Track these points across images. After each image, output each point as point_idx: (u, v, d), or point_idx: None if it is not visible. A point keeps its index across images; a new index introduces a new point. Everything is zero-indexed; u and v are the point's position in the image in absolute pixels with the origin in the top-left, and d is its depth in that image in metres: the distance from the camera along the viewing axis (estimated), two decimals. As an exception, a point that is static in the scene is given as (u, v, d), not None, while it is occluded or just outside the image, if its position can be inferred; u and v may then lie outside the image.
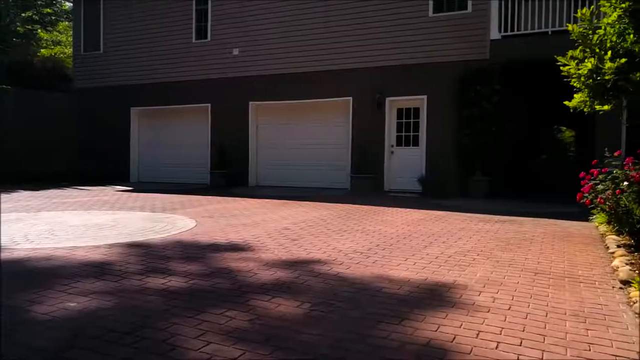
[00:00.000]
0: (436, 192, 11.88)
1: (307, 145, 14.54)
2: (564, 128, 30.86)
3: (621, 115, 9.81)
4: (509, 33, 11.68)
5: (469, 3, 12.09)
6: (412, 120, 13.09)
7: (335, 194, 12.61)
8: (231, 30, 15.10)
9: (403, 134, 13.21)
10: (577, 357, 2.91)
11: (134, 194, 12.60)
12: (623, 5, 6.82)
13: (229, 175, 14.98)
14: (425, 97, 12.61)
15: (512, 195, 12.43)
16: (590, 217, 7.40)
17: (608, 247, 6.03)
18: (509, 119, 11.83)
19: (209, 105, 15.63)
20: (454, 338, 3.14)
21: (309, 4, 13.89)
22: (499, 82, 11.59)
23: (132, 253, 5.51)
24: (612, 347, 3.07)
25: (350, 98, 13.51)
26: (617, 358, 2.91)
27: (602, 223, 6.99)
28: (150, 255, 5.38)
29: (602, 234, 6.87)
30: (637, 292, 4.06)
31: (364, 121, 13.28)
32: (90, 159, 17.06)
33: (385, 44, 12.96)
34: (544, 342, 3.12)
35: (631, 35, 6.70)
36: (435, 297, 4.03)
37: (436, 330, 3.26)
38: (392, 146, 13.24)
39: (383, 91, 13.02)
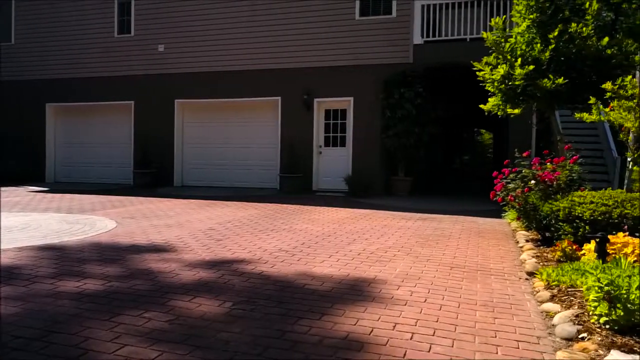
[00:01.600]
0: (362, 191, 12.16)
1: (236, 145, 14.39)
2: (484, 131, 32.56)
3: (531, 118, 10.53)
4: (430, 38, 12.17)
5: (394, 8, 12.47)
6: (339, 121, 13.31)
7: (264, 193, 12.57)
8: (156, 26, 14.64)
9: (331, 134, 13.40)
10: (484, 343, 3.10)
11: (50, 195, 11.90)
12: (531, 16, 7.34)
13: (153, 174, 14.52)
14: (351, 98, 12.86)
15: (434, 194, 12.96)
16: (503, 214, 7.87)
17: (518, 242, 6.44)
18: (431, 121, 12.31)
19: (133, 102, 15.06)
20: (372, 331, 3.24)
21: (236, 2, 13.75)
22: (421, 85, 12.04)
23: (45, 256, 5.21)
24: (516, 333, 3.30)
25: (279, 98, 13.52)
26: (519, 343, 3.13)
27: (513, 219, 7.45)
28: (64, 258, 5.12)
29: (514, 230, 7.34)
30: (541, 283, 4.38)
31: (292, 121, 13.34)
32: (1, 158, 15.91)
33: (313, 45, 13.08)
34: (455, 331, 3.29)
35: (538, 45, 7.20)
36: (356, 292, 4.13)
37: (355, 324, 3.35)
38: (321, 146, 13.39)
39: (311, 92, 13.14)
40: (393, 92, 12.17)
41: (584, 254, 4.89)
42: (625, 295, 3.10)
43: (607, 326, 3.13)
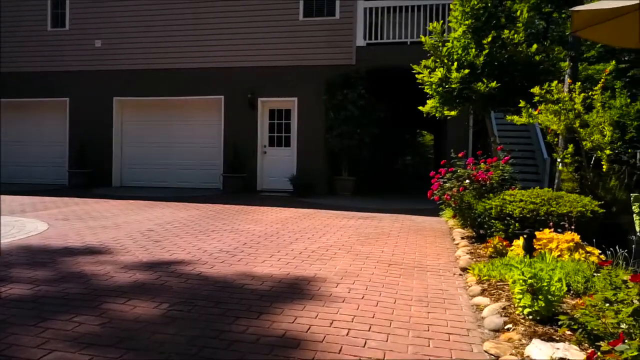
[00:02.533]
0: (306, 191, 12.21)
1: (178, 144, 14.08)
2: (425, 132, 33.47)
3: (467, 121, 10.94)
4: (373, 41, 12.40)
5: (337, 10, 12.61)
6: (284, 121, 13.30)
7: (207, 194, 12.38)
8: (93, 20, 14.09)
9: (275, 134, 13.37)
10: (417, 337, 3.21)
11: (-25, 196, 11.20)
12: (466, 22, 7.63)
13: (90, 174, 13.97)
14: (295, 99, 12.89)
15: (377, 193, 13.21)
16: (441, 213, 8.13)
17: (454, 239, 6.68)
18: (374, 122, 12.52)
19: (68, 99, 14.42)
20: (309, 328, 3.28)
21: (178, -2, 13.49)
22: (364, 87, 12.23)
23: (-33, 261, 4.92)
24: (447, 326, 3.43)
25: (222, 97, 13.35)
26: (450, 335, 3.26)
27: (449, 217, 7.72)
28: (-11, 262, 4.85)
29: (450, 227, 7.60)
30: (473, 278, 4.57)
31: (236, 121, 13.21)
32: None
33: (257, 45, 13.01)
34: (390, 326, 3.38)
35: (473, 50, 7.50)
36: (296, 290, 4.16)
37: (293, 322, 3.38)
38: (265, 146, 13.34)
39: (255, 91, 13.06)
40: (336, 94, 12.30)
41: (513, 250, 5.15)
42: (546, 288, 3.29)
43: (530, 317, 3.31)
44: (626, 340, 2.05)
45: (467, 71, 7.30)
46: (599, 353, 2.19)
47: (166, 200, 10.72)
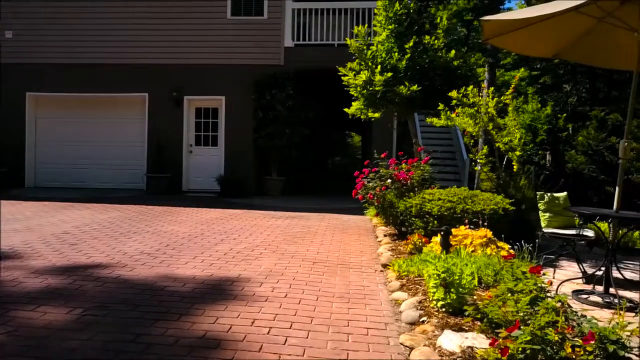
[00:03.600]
0: (234, 191, 12.08)
1: (99, 143, 13.43)
2: (354, 133, 34.11)
3: (391, 122, 11.27)
4: (301, 42, 12.49)
5: (265, 10, 12.57)
6: (211, 120, 13.08)
7: (129, 194, 11.91)
8: (3, 9, 13.15)
9: (202, 133, 13.12)
10: (337, 332, 3.28)
11: None
12: (390, 27, 7.87)
13: (0, 175, 13.02)
14: (223, 97, 12.71)
15: (306, 193, 13.32)
16: (365, 211, 8.34)
17: (377, 237, 6.88)
18: (303, 123, 12.59)
19: (-26, 93, 13.37)
20: (230, 328, 3.27)
21: (99, -10, 12.88)
22: (292, 87, 12.28)
23: None
24: (367, 321, 3.54)
25: (146, 94, 12.91)
26: (369, 330, 3.36)
27: (373, 216, 7.94)
28: None
29: (374, 226, 7.81)
30: (393, 274, 4.73)
31: (161, 119, 12.82)
32: None
33: (183, 42, 12.70)
34: (311, 323, 3.44)
35: (396, 54, 7.75)
36: (218, 291, 4.12)
37: (214, 323, 3.35)
38: (191, 145, 13.05)
39: (181, 89, 12.74)
40: (265, 93, 12.27)
41: (431, 246, 5.38)
42: (458, 281, 3.48)
43: (444, 309, 3.49)
44: (521, 327, 2.22)
45: (390, 74, 7.53)
46: (500, 340, 2.35)
47: (85, 202, 10.21)
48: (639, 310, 2.55)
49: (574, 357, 2.24)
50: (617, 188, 4.55)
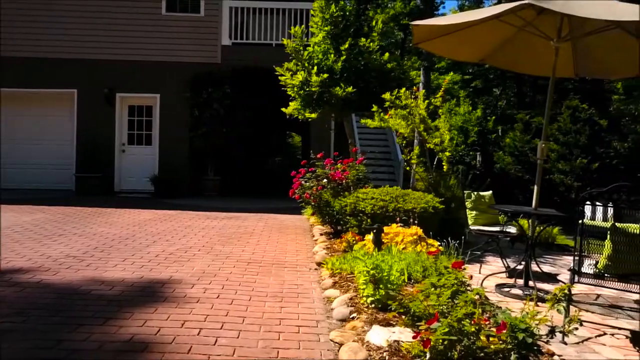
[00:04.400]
0: (170, 191, 11.79)
1: (25, 142, 12.68)
2: (295, 134, 34.15)
3: (329, 123, 11.40)
4: (239, 41, 12.37)
5: (202, 7, 12.36)
6: (144, 118, 12.68)
7: (57, 195, 11.34)
8: None
9: (136, 132, 12.70)
10: (269, 331, 3.30)
11: None
12: (326, 28, 7.96)
13: None
14: (158, 95, 12.37)
15: (245, 193, 13.20)
16: (302, 211, 8.39)
17: (314, 236, 6.94)
18: (242, 122, 12.47)
19: None
20: (159, 330, 3.20)
21: (23, -20, 12.18)
22: (230, 86, 12.14)
23: None
24: (299, 319, 3.57)
25: (75, 90, 12.35)
26: (300, 328, 3.40)
27: (310, 215, 8.00)
28: None
29: (312, 225, 7.88)
30: (327, 272, 4.80)
31: (91, 117, 12.29)
32: None
33: (116, 37, 12.24)
34: (243, 323, 3.43)
35: (332, 55, 7.85)
36: (148, 294, 4.02)
37: (142, 326, 3.27)
38: (124, 144, 12.60)
39: (113, 86, 12.28)
40: (201, 92, 12.06)
41: (365, 244, 5.49)
42: (386, 277, 3.59)
43: (373, 305, 3.58)
44: (440, 319, 2.33)
45: (326, 75, 7.62)
46: (422, 332, 2.45)
47: (8, 203, 9.63)
48: (550, 301, 2.73)
49: (489, 345, 2.37)
50: (535, 187, 4.83)
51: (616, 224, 3.59)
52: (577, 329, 2.60)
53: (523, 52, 5.61)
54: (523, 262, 4.82)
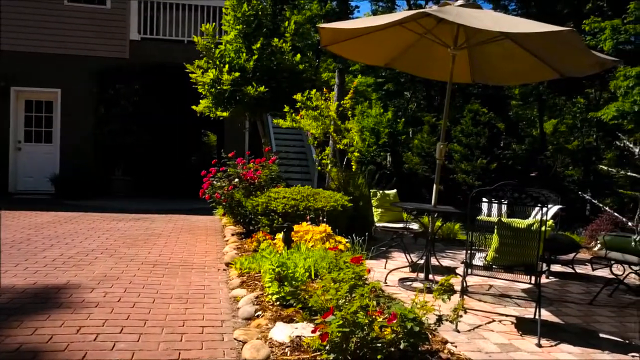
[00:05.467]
0: (74, 192, 11.11)
1: None
2: (210, 133, 33.46)
3: (243, 122, 11.31)
4: (148, 36, 11.93)
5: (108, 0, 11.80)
6: (44, 114, 11.87)
7: (-59, 197, 10.34)
8: None
9: (34, 129, 11.83)
10: (171, 333, 3.24)
11: None
12: (238, 27, 7.91)
13: None
14: (59, 90, 11.62)
15: (158, 193, 12.74)
16: (214, 211, 8.27)
17: (225, 236, 6.88)
18: (153, 121, 12.04)
19: None
20: (51, 338, 3.04)
21: None
22: (140, 83, 11.69)
23: None
24: (203, 320, 3.54)
25: (-36, 83, 11.31)
26: (204, 328, 3.37)
27: (222, 216, 7.91)
28: None
29: (224, 225, 7.79)
30: (235, 271, 4.78)
31: (-18, 112, 11.32)
32: None
33: (12, 26, 11.34)
34: (144, 326, 3.34)
35: (244, 54, 7.81)
36: (41, 300, 3.79)
37: (32, 334, 3.09)
38: (20, 142, 11.70)
39: (8, 79, 11.38)
40: (108, 88, 11.52)
41: (275, 242, 5.53)
42: (292, 274, 3.65)
43: (278, 302, 3.62)
44: (335, 313, 2.42)
45: (238, 74, 7.58)
46: (320, 326, 2.53)
47: None
48: (437, 291, 2.92)
49: (382, 336, 2.49)
50: (435, 186, 5.11)
51: (502, 219, 3.91)
52: (461, 316, 2.80)
53: (425, 58, 5.91)
54: (424, 257, 5.09)
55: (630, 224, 6.15)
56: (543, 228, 3.63)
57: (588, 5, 16.12)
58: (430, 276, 4.93)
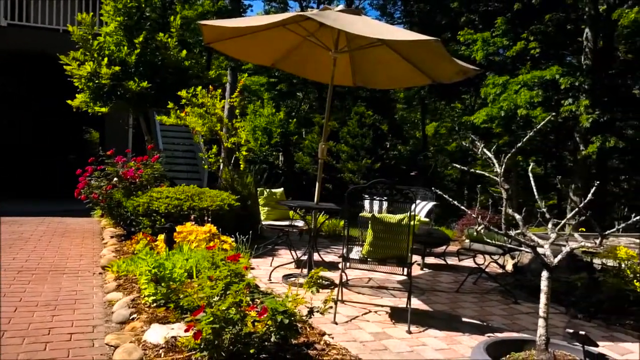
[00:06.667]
0: None
1: None
2: (93, 130, 31.38)
3: (125, 119, 10.79)
4: (17, 22, 10.91)
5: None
6: None
7: None
8: None
9: None
10: (34, 343, 3.02)
11: None
12: (119, 19, 7.53)
13: None
14: None
15: (29, 195, 11.69)
16: (92, 212, 7.80)
17: (104, 239, 6.52)
18: (23, 116, 11.03)
19: None
20: None
21: None
22: (6, 74, 10.65)
23: None
24: (73, 326, 3.34)
25: None
26: (73, 335, 3.19)
27: (101, 217, 7.49)
28: None
29: (103, 227, 7.38)
30: (112, 275, 4.56)
31: None
32: None
33: None
34: (2, 336, 3.08)
35: (125, 47, 7.45)
36: None
37: None
38: None
39: None
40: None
41: (157, 244, 5.36)
42: (169, 275, 3.57)
43: (155, 304, 3.53)
44: (206, 310, 2.42)
45: (118, 68, 7.21)
46: (192, 325, 2.51)
47: None
48: (306, 284, 3.03)
49: (255, 331, 2.54)
50: (317, 184, 5.27)
51: (376, 214, 4.14)
52: (331, 307, 2.94)
53: (310, 60, 6.05)
54: (307, 253, 5.23)
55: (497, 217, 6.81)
56: (412, 222, 3.91)
57: (462, 18, 17.47)
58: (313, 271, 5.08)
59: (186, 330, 2.58)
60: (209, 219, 5.70)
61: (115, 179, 6.49)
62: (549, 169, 23.16)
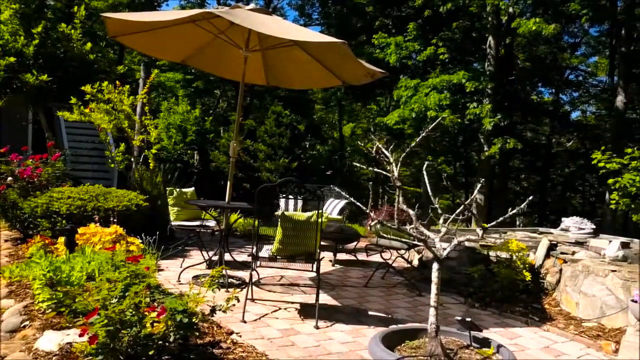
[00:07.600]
0: None
1: None
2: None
3: (23, 114, 10.07)
4: None
5: None
6: None
7: None
8: None
9: None
10: None
11: None
12: (14, 6, 7.02)
13: None
14: None
15: None
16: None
17: (-4, 243, 6.05)
18: None
19: None
20: None
21: None
22: None
23: None
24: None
25: None
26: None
27: (-5, 219, 6.94)
28: None
29: (-3, 231, 6.84)
30: (4, 281, 4.25)
31: None
32: None
33: None
34: None
35: (22, 37, 6.97)
36: None
37: None
38: None
39: None
40: None
41: (57, 247, 5.06)
42: (67, 279, 3.40)
43: (50, 310, 3.34)
44: (100, 312, 2.34)
45: (13, 59, 6.72)
46: (86, 328, 2.41)
47: None
48: (207, 282, 3.02)
49: (155, 332, 2.49)
50: (228, 182, 5.23)
51: (285, 212, 4.19)
52: (234, 305, 2.94)
53: (222, 58, 5.99)
54: (219, 253, 5.18)
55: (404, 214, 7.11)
56: (320, 220, 4.00)
57: (377, 22, 18.02)
58: (224, 271, 5.04)
59: (81, 335, 2.48)
60: (115, 220, 5.48)
61: (10, 178, 6.04)
62: (458, 168, 24.52)
